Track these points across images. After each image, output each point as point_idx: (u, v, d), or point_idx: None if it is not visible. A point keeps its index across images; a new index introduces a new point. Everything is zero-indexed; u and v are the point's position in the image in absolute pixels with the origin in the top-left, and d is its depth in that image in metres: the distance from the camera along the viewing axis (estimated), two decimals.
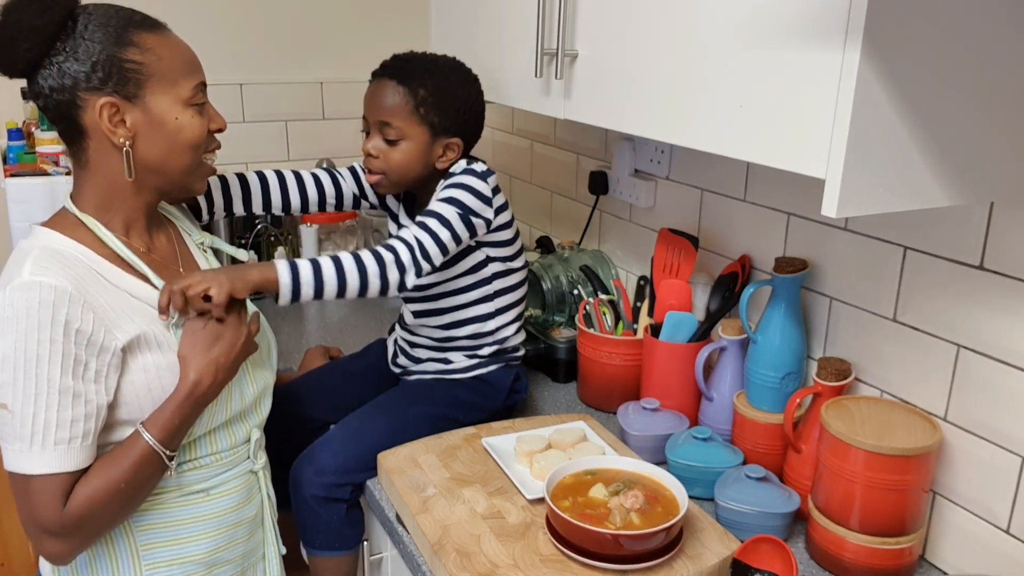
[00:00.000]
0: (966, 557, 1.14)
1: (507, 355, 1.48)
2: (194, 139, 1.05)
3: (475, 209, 1.31)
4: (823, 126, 0.84)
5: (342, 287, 1.18)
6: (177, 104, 1.03)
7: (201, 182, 1.11)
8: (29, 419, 0.93)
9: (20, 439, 0.94)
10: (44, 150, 1.79)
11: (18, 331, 0.92)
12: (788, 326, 1.29)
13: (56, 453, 0.94)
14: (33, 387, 0.93)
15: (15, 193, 1.61)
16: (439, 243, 1.26)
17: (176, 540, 1.08)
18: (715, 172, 1.52)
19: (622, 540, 1.05)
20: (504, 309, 1.45)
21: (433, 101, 1.33)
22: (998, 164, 0.92)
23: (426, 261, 1.24)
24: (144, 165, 1.04)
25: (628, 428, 1.41)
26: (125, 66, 0.99)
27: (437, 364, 1.48)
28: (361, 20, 2.29)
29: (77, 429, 0.95)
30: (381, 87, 1.34)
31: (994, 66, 0.87)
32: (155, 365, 1.01)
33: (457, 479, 1.27)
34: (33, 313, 0.92)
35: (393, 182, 1.37)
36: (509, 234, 1.42)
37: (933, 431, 1.11)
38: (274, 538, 1.22)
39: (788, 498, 1.20)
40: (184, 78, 1.03)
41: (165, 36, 1.03)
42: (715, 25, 0.97)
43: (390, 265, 1.21)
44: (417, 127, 1.33)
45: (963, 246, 1.10)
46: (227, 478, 1.12)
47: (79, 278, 0.97)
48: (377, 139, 1.34)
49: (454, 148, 1.37)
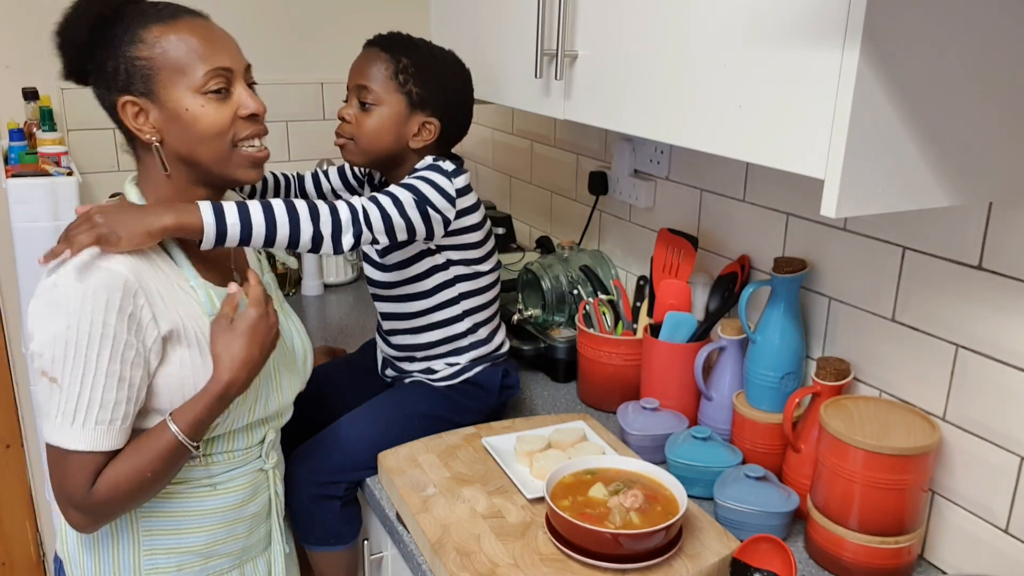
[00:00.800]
0: (965, 556, 1.14)
1: (491, 356, 1.47)
2: (212, 128, 1.03)
3: (434, 203, 1.26)
4: (822, 126, 0.84)
5: (271, 233, 1.09)
6: (189, 93, 1.01)
7: (245, 170, 1.08)
8: (75, 397, 0.96)
9: (63, 414, 0.96)
10: (45, 150, 1.79)
11: (74, 311, 0.94)
12: (787, 326, 1.30)
13: (96, 432, 0.97)
14: (82, 366, 0.95)
15: (16, 193, 1.61)
16: (385, 216, 1.19)
17: (177, 530, 1.09)
18: (715, 172, 1.53)
19: (622, 539, 1.05)
20: (473, 311, 1.42)
21: (415, 71, 1.31)
22: (997, 164, 0.92)
23: (367, 228, 1.17)
24: (178, 159, 1.05)
25: (628, 428, 1.41)
26: (136, 64, 1.00)
27: (422, 376, 1.47)
28: (361, 20, 2.29)
29: (118, 412, 0.98)
30: (366, 54, 1.34)
31: (993, 66, 0.87)
32: (191, 361, 1.03)
33: (457, 478, 1.27)
34: (90, 296, 0.94)
35: (361, 149, 1.33)
36: (478, 236, 1.37)
37: (932, 431, 1.11)
38: (280, 535, 1.21)
39: (787, 497, 1.21)
40: (194, 66, 1.01)
41: (172, 25, 1.01)
42: (714, 26, 0.97)
43: (325, 219, 1.13)
44: (394, 94, 1.31)
45: (962, 246, 1.10)
46: (236, 475, 1.13)
47: (135, 263, 0.99)
48: (353, 104, 1.33)
49: (430, 129, 1.33)
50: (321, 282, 2.20)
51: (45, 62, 1.97)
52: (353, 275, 2.28)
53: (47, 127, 1.89)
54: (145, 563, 1.09)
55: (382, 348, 1.54)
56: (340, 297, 2.18)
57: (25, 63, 1.99)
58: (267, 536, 1.21)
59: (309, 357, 1.24)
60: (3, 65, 1.97)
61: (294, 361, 1.20)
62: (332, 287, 2.24)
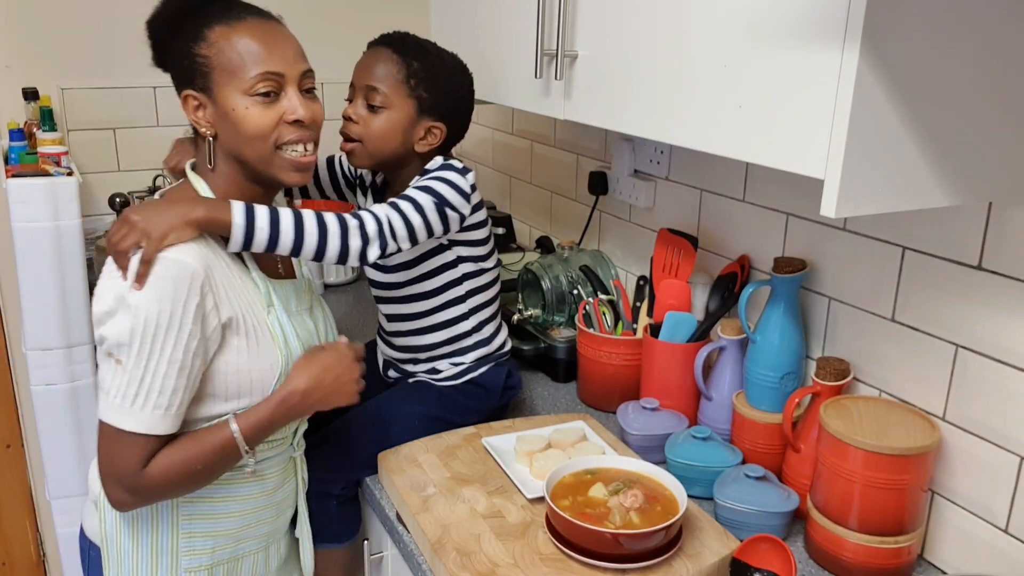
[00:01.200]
0: (965, 556, 1.14)
1: (494, 354, 1.47)
2: (256, 130, 1.05)
3: (451, 202, 1.27)
4: (822, 126, 0.84)
5: (299, 242, 1.08)
6: (238, 94, 1.05)
7: (288, 173, 1.09)
8: (137, 380, 0.98)
9: (123, 395, 0.99)
10: (46, 151, 1.79)
11: (148, 300, 0.97)
12: (787, 326, 1.30)
13: (153, 416, 0.99)
14: (147, 353, 0.98)
15: (16, 194, 1.61)
16: (408, 225, 1.20)
17: (215, 515, 1.12)
18: (714, 172, 1.53)
19: (621, 539, 1.05)
20: (478, 308, 1.43)
21: (425, 76, 1.31)
22: (996, 164, 0.92)
23: (392, 239, 1.19)
24: (229, 154, 1.09)
25: (628, 428, 1.41)
26: (197, 60, 1.05)
27: (426, 376, 1.47)
28: (361, 21, 2.29)
29: (175, 399, 1.00)
30: (376, 53, 1.33)
31: (992, 66, 0.87)
32: (247, 348, 1.06)
33: (457, 478, 1.27)
34: (158, 286, 0.97)
35: (369, 152, 1.33)
36: (482, 234, 1.40)
37: (932, 431, 1.11)
38: (305, 518, 1.26)
39: (787, 497, 1.21)
40: (246, 69, 1.04)
41: (233, 26, 1.05)
42: (714, 26, 0.97)
43: (353, 231, 1.14)
44: (404, 99, 1.31)
45: (962, 246, 1.11)
46: (271, 463, 1.16)
47: (203, 253, 1.02)
48: (360, 104, 1.33)
49: (436, 133, 1.34)
50: (321, 282, 2.20)
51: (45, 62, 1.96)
52: (353, 275, 2.28)
53: (47, 127, 1.89)
54: (183, 545, 1.12)
55: (384, 351, 1.53)
56: (340, 297, 2.18)
57: (25, 63, 1.99)
58: (289, 522, 1.25)
59: None
60: (3, 65, 1.97)
61: None
62: (332, 287, 2.24)
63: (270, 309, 1.09)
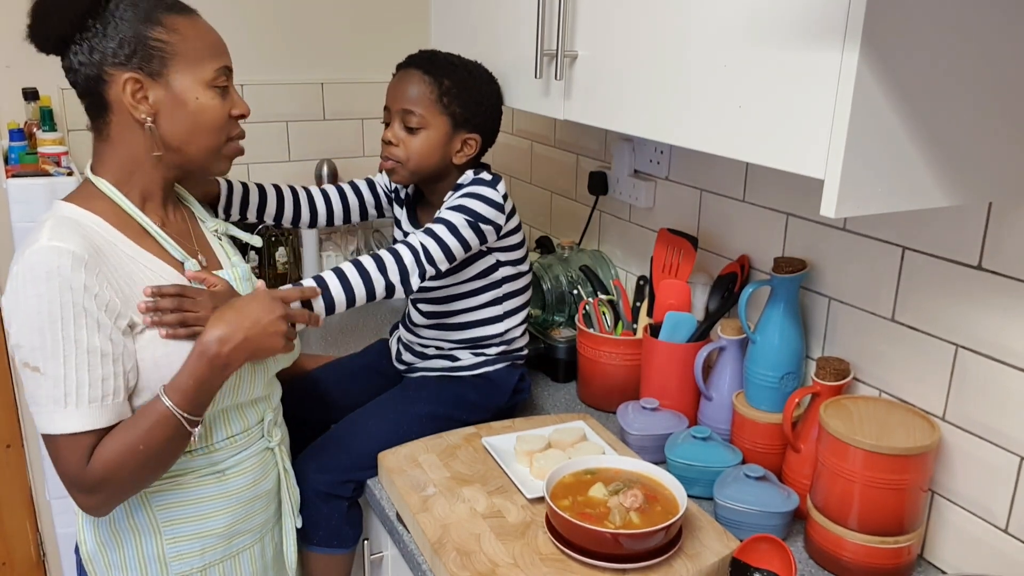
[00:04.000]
0: (964, 556, 1.14)
1: (513, 354, 1.49)
2: (214, 121, 1.07)
3: (486, 216, 1.32)
4: (822, 126, 0.84)
5: (351, 296, 1.19)
6: (199, 85, 1.05)
7: (224, 163, 1.13)
8: (61, 380, 0.96)
9: (54, 401, 0.96)
10: (46, 151, 1.79)
11: (40, 294, 0.95)
12: (787, 326, 1.30)
13: (91, 411, 0.97)
14: (61, 348, 0.95)
15: (16, 194, 1.61)
16: (444, 248, 1.28)
17: (196, 516, 1.11)
18: (714, 172, 1.53)
19: (621, 539, 1.05)
20: (513, 312, 1.47)
21: (456, 92, 1.34)
22: (997, 164, 0.92)
23: (430, 265, 1.26)
24: (166, 142, 1.06)
25: (628, 428, 1.41)
26: (151, 44, 1.02)
27: (443, 361, 1.48)
28: (361, 20, 2.29)
29: (108, 387, 0.98)
30: (407, 76, 1.35)
31: (993, 66, 0.87)
32: (161, 340, 1.03)
33: (457, 478, 1.27)
34: (53, 276, 0.95)
35: (410, 170, 1.37)
36: (518, 238, 1.44)
37: (931, 431, 1.11)
38: (291, 509, 1.25)
39: (787, 497, 1.21)
40: (208, 60, 1.06)
41: (193, 20, 1.06)
42: (714, 26, 0.97)
43: (392, 269, 1.23)
44: (439, 116, 1.34)
45: (961, 246, 1.11)
46: (242, 459, 1.15)
47: (96, 248, 1.00)
48: (398, 127, 1.36)
49: (472, 144, 1.38)
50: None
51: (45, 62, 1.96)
52: None
53: (47, 127, 1.89)
54: (169, 551, 1.11)
55: (404, 336, 1.55)
56: None
57: (25, 63, 1.98)
58: (278, 510, 1.24)
59: None
60: (3, 65, 1.97)
61: None
62: None
63: None
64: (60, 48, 1.04)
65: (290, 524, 1.26)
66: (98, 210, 1.04)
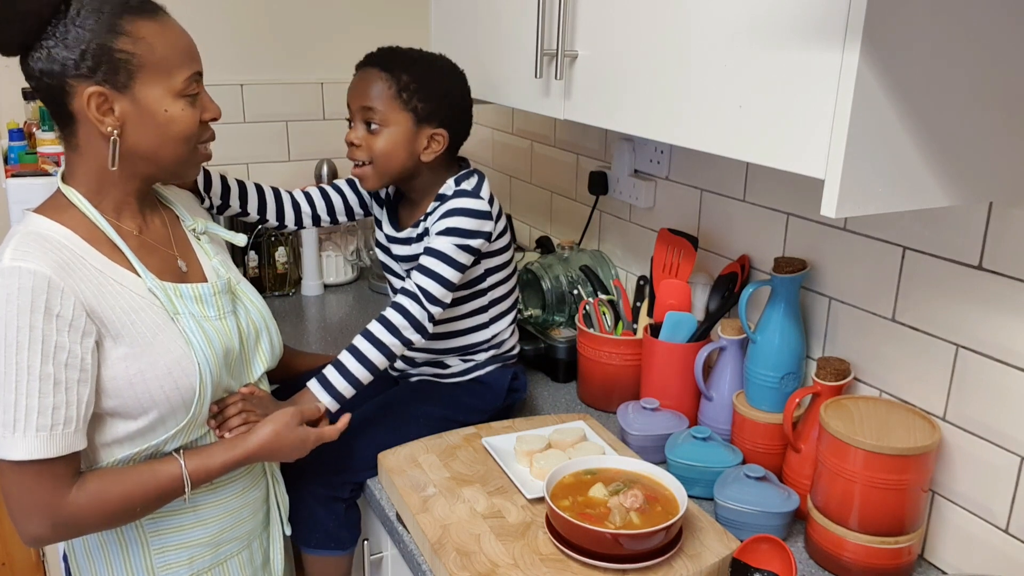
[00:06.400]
0: (965, 556, 1.14)
1: (503, 356, 1.49)
2: (186, 131, 1.03)
3: (475, 230, 1.31)
4: (822, 126, 0.84)
5: (373, 369, 1.26)
6: (168, 95, 1.00)
7: (194, 170, 1.11)
8: (11, 406, 0.92)
9: (3, 425, 0.93)
10: (45, 150, 1.79)
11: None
12: (787, 326, 1.30)
13: (39, 440, 0.93)
14: (13, 374, 0.92)
15: (16, 193, 1.61)
16: (443, 282, 1.29)
17: (183, 526, 1.11)
18: (715, 172, 1.53)
19: (622, 539, 1.05)
20: (499, 316, 1.46)
21: (416, 87, 1.31)
22: (997, 164, 0.92)
23: (434, 304, 1.28)
24: (134, 153, 1.02)
25: (628, 428, 1.41)
26: (116, 56, 0.96)
27: (433, 368, 1.48)
28: (361, 20, 2.29)
29: (59, 416, 0.94)
30: (365, 75, 1.33)
31: (993, 66, 0.87)
32: (135, 356, 1.00)
33: (457, 478, 1.27)
34: (12, 299, 0.92)
35: (378, 173, 1.34)
36: (504, 241, 1.42)
37: (932, 431, 1.11)
38: (279, 516, 1.25)
39: (787, 497, 1.21)
40: (177, 69, 1.01)
41: (161, 23, 1.00)
42: (714, 26, 0.97)
43: (403, 328, 1.27)
44: (400, 113, 1.31)
45: (962, 246, 1.10)
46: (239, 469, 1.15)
47: (63, 262, 0.96)
48: (360, 128, 1.33)
49: (439, 140, 1.34)
50: (321, 282, 2.20)
51: None
52: (353, 275, 2.28)
53: (47, 127, 1.89)
54: (157, 561, 1.10)
55: None
56: (340, 297, 2.18)
57: None
58: (266, 516, 1.24)
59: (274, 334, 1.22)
60: (3, 65, 1.97)
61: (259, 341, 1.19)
62: (332, 287, 2.24)
63: (176, 317, 1.04)
64: (21, 53, 0.98)
65: (277, 531, 1.25)
66: (69, 222, 1.00)
